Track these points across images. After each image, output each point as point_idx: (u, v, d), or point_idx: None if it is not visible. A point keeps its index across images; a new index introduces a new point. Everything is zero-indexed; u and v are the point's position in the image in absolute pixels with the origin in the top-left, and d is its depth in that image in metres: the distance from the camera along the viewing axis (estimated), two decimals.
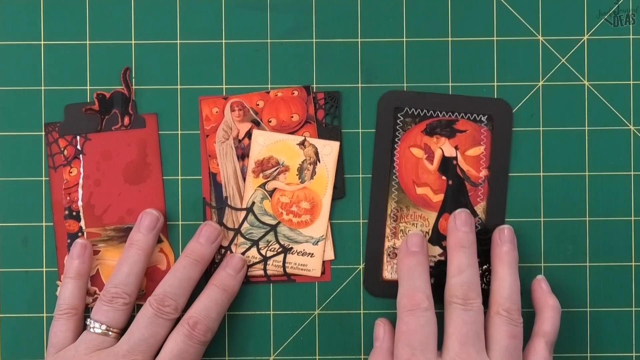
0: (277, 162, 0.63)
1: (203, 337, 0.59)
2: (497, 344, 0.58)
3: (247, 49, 0.64)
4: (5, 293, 0.63)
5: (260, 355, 0.64)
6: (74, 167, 0.63)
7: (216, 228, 0.62)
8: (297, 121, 0.63)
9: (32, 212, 0.63)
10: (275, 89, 0.63)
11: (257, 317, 0.64)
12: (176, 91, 0.64)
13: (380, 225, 0.63)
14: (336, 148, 0.63)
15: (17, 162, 0.63)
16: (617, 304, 0.63)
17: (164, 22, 0.64)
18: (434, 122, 0.63)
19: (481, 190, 0.63)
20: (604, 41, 0.64)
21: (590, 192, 0.63)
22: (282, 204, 0.63)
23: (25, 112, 0.63)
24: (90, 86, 0.63)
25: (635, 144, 0.63)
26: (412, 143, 0.63)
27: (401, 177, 0.63)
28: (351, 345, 0.63)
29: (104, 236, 0.63)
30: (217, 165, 0.63)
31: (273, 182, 0.63)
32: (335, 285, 0.64)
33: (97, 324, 0.59)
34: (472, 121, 0.63)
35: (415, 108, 0.63)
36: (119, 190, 0.63)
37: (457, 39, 0.63)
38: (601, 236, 0.63)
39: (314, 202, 0.63)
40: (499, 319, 0.58)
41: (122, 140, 0.63)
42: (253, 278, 0.63)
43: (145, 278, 0.63)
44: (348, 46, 0.64)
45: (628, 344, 0.63)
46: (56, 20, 0.63)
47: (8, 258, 0.63)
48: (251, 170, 0.63)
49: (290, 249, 0.63)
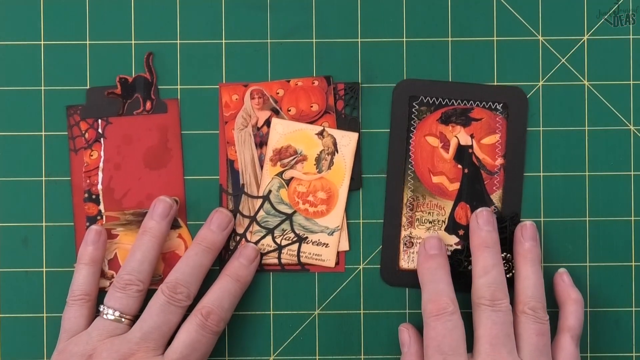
0: (295, 151, 0.63)
1: (216, 327, 0.59)
2: (526, 343, 0.58)
3: (247, 49, 0.64)
4: (5, 293, 0.63)
5: (260, 355, 0.64)
6: (94, 150, 0.63)
7: (227, 215, 0.62)
8: (316, 111, 0.63)
9: (32, 212, 0.63)
10: (295, 79, 0.63)
11: (257, 317, 0.64)
12: (176, 91, 0.64)
13: (397, 214, 0.63)
14: (354, 139, 0.63)
15: (17, 162, 0.63)
16: (617, 304, 0.63)
17: (164, 22, 0.64)
18: (449, 111, 0.63)
19: (497, 179, 0.63)
20: (604, 41, 0.64)
21: (590, 192, 0.63)
22: (298, 193, 0.63)
23: (25, 112, 0.63)
24: (90, 86, 0.63)
25: (635, 144, 0.63)
26: (428, 132, 0.63)
27: (417, 166, 0.63)
28: (351, 345, 0.63)
29: (123, 220, 0.63)
30: (235, 153, 0.63)
31: (290, 171, 0.63)
32: (337, 284, 0.64)
33: (110, 310, 0.59)
34: (488, 109, 0.63)
35: (431, 96, 0.63)
36: (139, 175, 0.63)
37: (457, 39, 0.63)
38: (601, 236, 0.63)
39: (331, 192, 0.63)
40: (525, 318, 0.58)
41: (144, 125, 0.63)
42: (267, 266, 0.63)
43: (163, 263, 0.63)
44: (348, 46, 0.64)
45: (628, 344, 0.63)
46: (56, 20, 0.64)
47: (8, 258, 0.63)
48: (269, 158, 0.63)
49: (305, 238, 0.63)
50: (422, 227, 0.63)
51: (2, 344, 0.63)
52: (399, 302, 0.63)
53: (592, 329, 0.63)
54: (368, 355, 0.63)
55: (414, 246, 0.63)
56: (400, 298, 0.63)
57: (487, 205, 0.63)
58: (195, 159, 0.63)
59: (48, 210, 0.63)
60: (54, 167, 0.63)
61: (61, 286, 0.63)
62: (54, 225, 0.63)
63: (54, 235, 0.63)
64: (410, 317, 0.63)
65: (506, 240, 0.62)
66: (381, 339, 0.63)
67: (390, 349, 0.63)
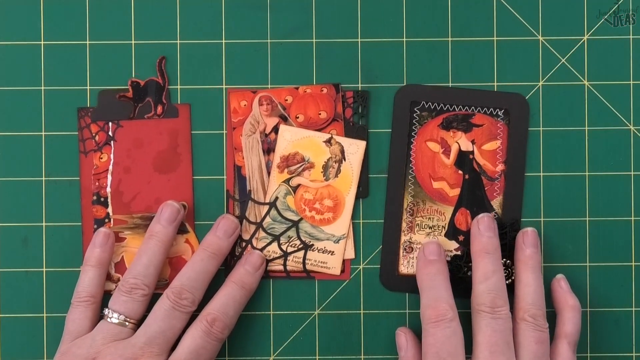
0: (302, 158, 0.63)
1: (220, 334, 0.59)
2: (525, 351, 0.58)
3: (247, 49, 0.64)
4: (5, 293, 0.63)
5: (260, 355, 0.64)
6: (104, 153, 0.63)
7: (233, 221, 0.62)
8: (324, 118, 0.63)
9: (32, 212, 0.63)
10: (304, 86, 0.63)
11: (257, 317, 0.64)
12: (176, 91, 0.64)
13: (397, 219, 0.63)
14: (362, 147, 0.63)
15: (17, 162, 0.63)
16: (617, 304, 0.63)
17: (164, 22, 0.64)
18: (450, 117, 0.63)
19: (498, 185, 0.63)
20: (604, 41, 0.64)
21: (590, 192, 0.63)
22: (305, 201, 0.63)
23: (25, 112, 0.63)
24: (90, 86, 0.63)
25: (635, 144, 0.63)
26: (429, 137, 0.63)
27: (417, 171, 0.63)
28: (351, 345, 0.63)
29: (131, 224, 0.63)
30: (242, 159, 0.63)
31: (297, 179, 0.63)
32: (337, 285, 0.64)
33: (115, 314, 0.59)
34: (489, 115, 0.63)
35: (432, 102, 0.63)
36: (148, 179, 0.63)
37: (457, 39, 0.63)
38: (601, 236, 0.63)
39: (337, 200, 0.63)
40: (525, 325, 0.58)
41: (154, 129, 0.63)
42: (272, 273, 0.63)
43: (169, 268, 0.63)
44: (348, 46, 0.64)
45: (628, 344, 0.63)
46: (56, 20, 0.64)
47: (8, 258, 0.63)
48: (276, 165, 0.63)
49: (311, 245, 0.63)
50: (422, 233, 0.63)
51: (2, 344, 0.63)
52: (399, 302, 0.63)
53: (592, 329, 0.63)
54: (368, 356, 0.63)
55: (413, 251, 0.63)
56: (400, 298, 0.63)
57: (487, 211, 0.63)
58: (203, 164, 0.63)
59: (48, 211, 0.63)
60: (54, 167, 0.63)
61: (61, 286, 0.63)
62: (54, 225, 0.63)
63: (54, 235, 0.63)
64: (410, 317, 0.63)
65: (506, 247, 0.62)
66: (381, 340, 0.63)
67: (390, 349, 0.63)
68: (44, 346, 0.63)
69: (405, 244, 0.63)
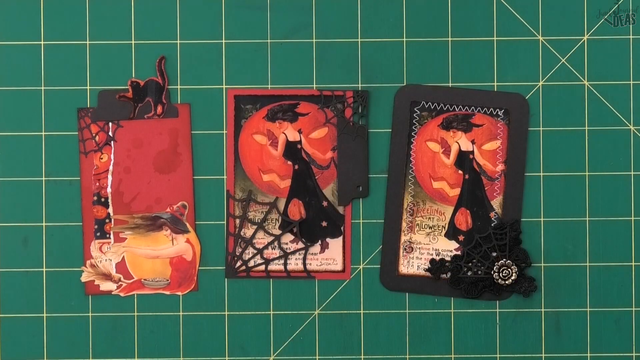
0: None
1: None
2: None
3: (247, 49, 0.64)
4: (5, 293, 0.63)
5: (260, 355, 0.64)
6: (104, 153, 0.63)
7: None
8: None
9: (32, 212, 0.63)
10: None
11: (257, 317, 0.64)
12: (176, 91, 0.64)
13: (397, 219, 0.63)
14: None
15: (17, 162, 0.63)
16: (617, 304, 0.63)
17: (164, 22, 0.64)
18: (450, 116, 0.63)
19: (498, 185, 0.63)
20: (604, 41, 0.64)
21: (590, 192, 0.63)
22: None
23: (25, 112, 0.63)
24: (90, 86, 0.63)
25: (635, 144, 0.63)
26: (429, 137, 0.63)
27: (417, 171, 0.63)
28: (351, 345, 0.63)
29: (132, 224, 0.63)
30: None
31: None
32: (337, 285, 0.64)
33: None
34: (489, 115, 0.63)
35: (432, 102, 0.63)
36: (149, 179, 0.63)
37: (457, 39, 0.63)
38: (601, 236, 0.63)
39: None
40: None
41: (154, 129, 0.63)
42: (273, 273, 0.63)
43: (171, 268, 0.63)
44: (348, 46, 0.64)
45: (628, 344, 0.63)
46: (56, 20, 0.64)
47: (8, 258, 0.63)
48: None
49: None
50: (422, 233, 0.63)
51: (2, 344, 0.63)
52: (399, 302, 0.63)
53: (592, 329, 0.63)
54: (368, 356, 0.63)
55: (413, 251, 0.63)
56: (400, 298, 0.63)
57: (487, 211, 0.63)
58: (203, 164, 0.63)
59: (48, 211, 0.63)
60: (54, 167, 0.63)
61: (61, 286, 0.63)
62: (54, 225, 0.63)
63: (54, 235, 0.63)
64: (410, 317, 0.63)
65: (506, 247, 0.62)
66: (381, 340, 0.63)
67: (390, 349, 0.63)
68: (44, 346, 0.63)
69: (405, 244, 0.63)
